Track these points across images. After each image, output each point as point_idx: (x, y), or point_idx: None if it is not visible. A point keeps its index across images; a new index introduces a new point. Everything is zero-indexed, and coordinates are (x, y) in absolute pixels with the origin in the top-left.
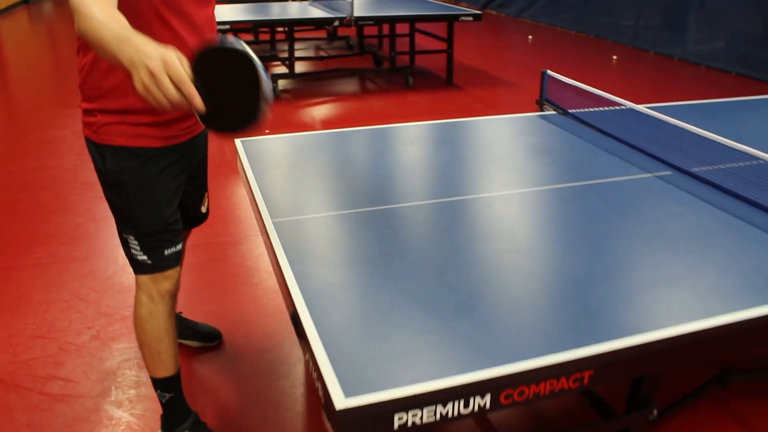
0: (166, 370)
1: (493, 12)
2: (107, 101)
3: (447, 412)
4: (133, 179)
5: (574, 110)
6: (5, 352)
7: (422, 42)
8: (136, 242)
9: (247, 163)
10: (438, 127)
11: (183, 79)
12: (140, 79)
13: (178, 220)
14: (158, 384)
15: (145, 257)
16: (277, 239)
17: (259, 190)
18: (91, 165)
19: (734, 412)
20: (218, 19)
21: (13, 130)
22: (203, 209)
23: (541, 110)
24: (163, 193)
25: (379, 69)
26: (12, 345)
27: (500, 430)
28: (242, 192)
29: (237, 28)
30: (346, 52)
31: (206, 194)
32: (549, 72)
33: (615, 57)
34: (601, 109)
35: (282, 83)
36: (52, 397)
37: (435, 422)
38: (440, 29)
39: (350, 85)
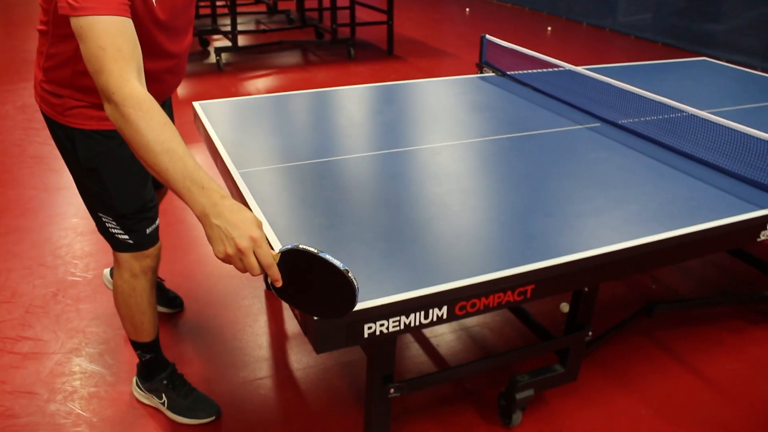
0: (148, 336)
1: None
2: (77, 93)
3: (410, 322)
4: (108, 163)
5: (512, 72)
6: None
7: (362, 15)
8: (114, 223)
9: (208, 123)
10: (383, 89)
11: (269, 263)
12: (224, 249)
13: (154, 197)
14: (139, 346)
15: (126, 236)
16: (245, 186)
17: (222, 145)
18: (38, 139)
19: (658, 339)
20: None
21: None
22: None
23: (481, 73)
24: (139, 173)
25: (321, 41)
26: None
27: (449, 358)
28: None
29: None
30: (287, 26)
31: None
32: (488, 36)
33: (550, 28)
34: (537, 71)
35: (225, 56)
36: (23, 356)
37: (399, 331)
38: (380, 2)
39: (293, 58)
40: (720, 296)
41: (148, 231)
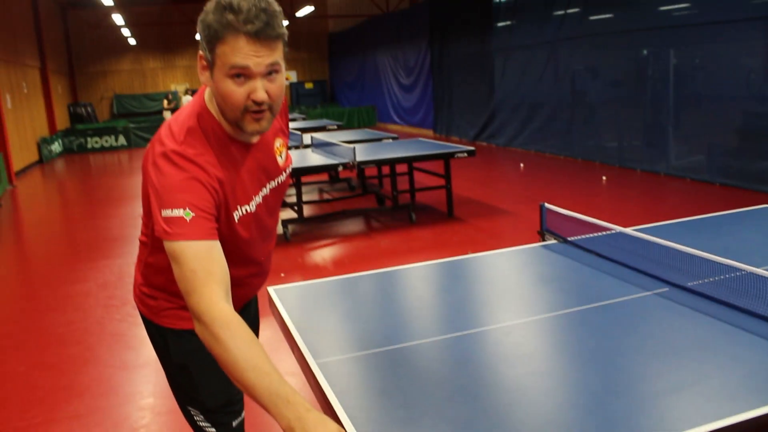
0: None
1: (484, 143)
2: (170, 296)
3: None
4: (197, 361)
5: (573, 237)
6: None
7: (421, 178)
8: (202, 416)
9: (284, 310)
10: (448, 266)
11: None
12: None
13: (240, 390)
14: None
15: (212, 430)
16: (323, 377)
17: (299, 335)
18: (117, 316)
19: None
20: None
21: (38, 285)
22: None
23: (543, 240)
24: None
25: (383, 208)
26: None
27: None
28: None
29: None
30: (349, 194)
31: None
32: (547, 205)
33: (605, 177)
34: (597, 234)
35: (292, 228)
36: None
37: None
38: (437, 165)
39: (356, 225)
40: None
41: (234, 424)
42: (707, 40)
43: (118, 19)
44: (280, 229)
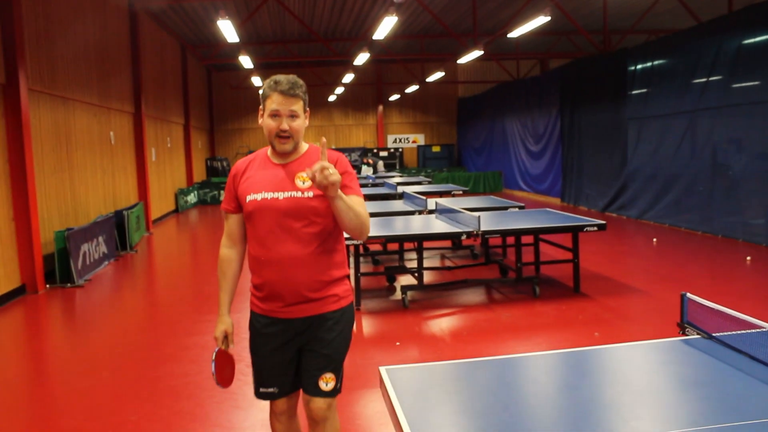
0: None
1: (614, 214)
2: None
3: None
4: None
5: (719, 333)
6: None
7: (547, 250)
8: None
9: (394, 395)
10: (576, 356)
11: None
12: None
13: (274, 372)
14: None
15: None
16: None
17: (408, 426)
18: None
19: None
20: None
21: (160, 335)
22: (323, 386)
23: (683, 334)
24: (257, 344)
25: (505, 279)
26: None
27: None
28: (381, 411)
29: (368, 242)
30: (471, 262)
31: (326, 376)
32: (689, 295)
33: (749, 258)
34: (748, 331)
35: (411, 294)
36: None
37: None
38: (564, 237)
39: (477, 295)
40: None
41: (261, 390)
42: None
43: (257, 81)
44: (398, 295)
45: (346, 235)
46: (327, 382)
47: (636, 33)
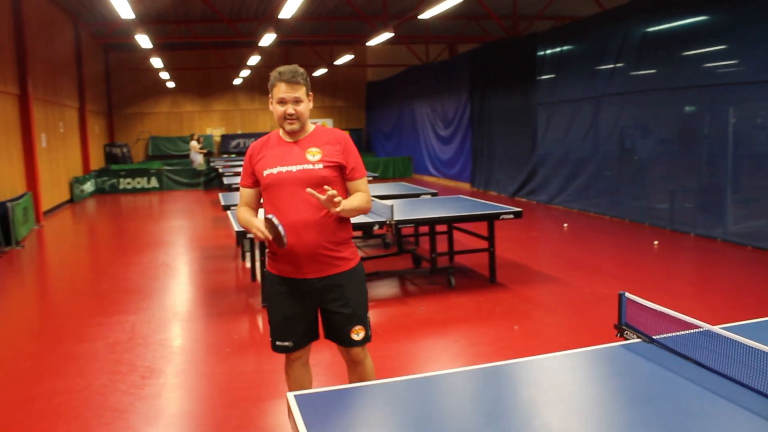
0: None
1: (524, 199)
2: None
3: None
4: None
5: (659, 336)
6: None
7: (460, 237)
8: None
9: (301, 422)
10: (506, 370)
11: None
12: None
13: (290, 328)
14: None
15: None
16: None
17: None
18: (122, 386)
19: None
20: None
21: (44, 342)
22: (355, 337)
23: (623, 338)
24: (274, 303)
25: (419, 269)
26: None
27: None
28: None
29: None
30: (383, 252)
31: (356, 329)
32: (628, 295)
33: (656, 242)
34: (690, 332)
35: None
36: None
37: None
38: (479, 225)
39: (390, 288)
40: None
41: (277, 343)
42: None
43: (157, 62)
44: None
45: None
46: (358, 333)
47: (544, 19)
